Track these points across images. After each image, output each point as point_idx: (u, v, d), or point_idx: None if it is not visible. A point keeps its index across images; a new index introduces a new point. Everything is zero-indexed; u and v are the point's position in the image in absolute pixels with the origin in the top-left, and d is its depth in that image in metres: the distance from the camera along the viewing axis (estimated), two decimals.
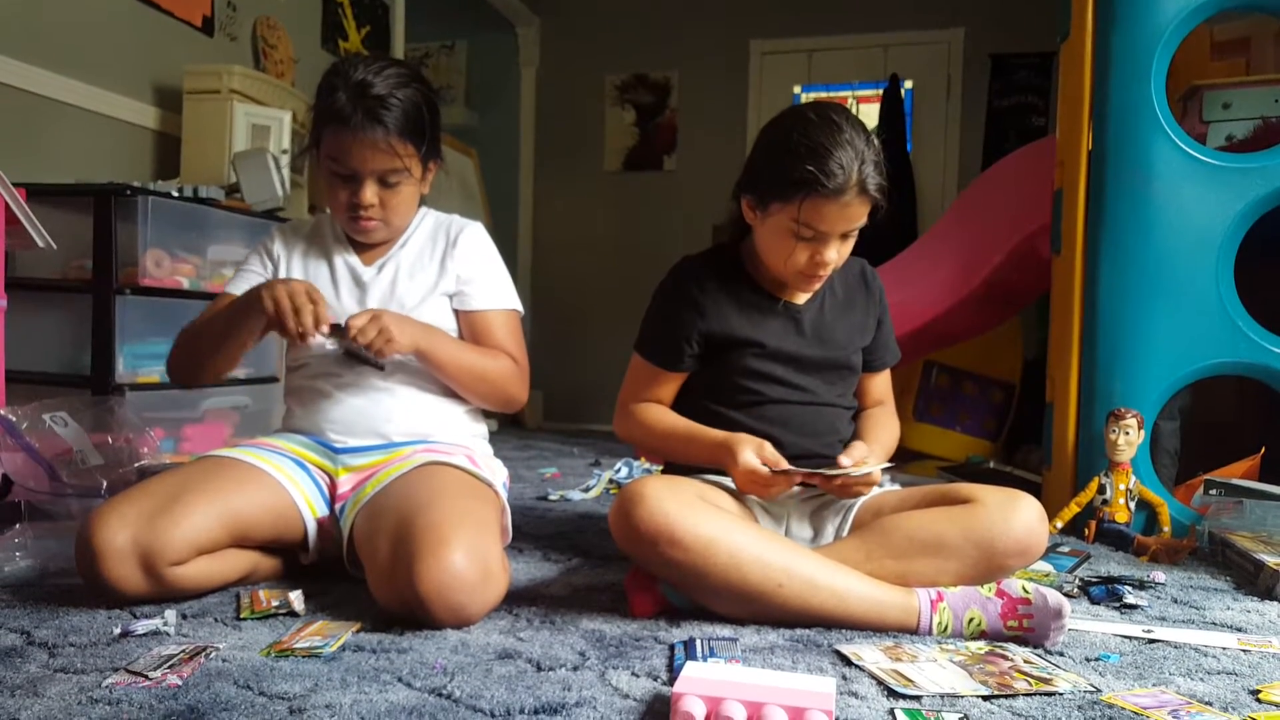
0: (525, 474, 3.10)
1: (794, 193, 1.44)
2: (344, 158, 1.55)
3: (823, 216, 1.45)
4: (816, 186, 1.42)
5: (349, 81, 1.53)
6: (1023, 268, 2.85)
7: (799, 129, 1.47)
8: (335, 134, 1.54)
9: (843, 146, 1.43)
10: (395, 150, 1.55)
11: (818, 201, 1.44)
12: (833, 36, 4.99)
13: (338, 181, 1.58)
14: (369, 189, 1.57)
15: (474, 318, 1.68)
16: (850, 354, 1.66)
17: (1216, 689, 1.15)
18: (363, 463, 1.58)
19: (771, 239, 1.53)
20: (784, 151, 1.46)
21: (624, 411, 1.68)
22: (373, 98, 1.52)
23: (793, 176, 1.44)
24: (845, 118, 1.48)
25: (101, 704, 1.01)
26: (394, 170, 1.57)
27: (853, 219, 1.48)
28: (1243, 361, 2.14)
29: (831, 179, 1.42)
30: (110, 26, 2.82)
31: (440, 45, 5.48)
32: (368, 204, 1.57)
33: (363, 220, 1.60)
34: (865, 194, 1.45)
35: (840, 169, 1.42)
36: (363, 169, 1.55)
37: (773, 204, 1.49)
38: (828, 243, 1.49)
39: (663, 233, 5.13)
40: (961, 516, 1.38)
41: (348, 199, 1.58)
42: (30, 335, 2.31)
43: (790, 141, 1.46)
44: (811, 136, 1.44)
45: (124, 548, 1.32)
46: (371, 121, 1.52)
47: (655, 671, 1.16)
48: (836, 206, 1.44)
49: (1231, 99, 2.50)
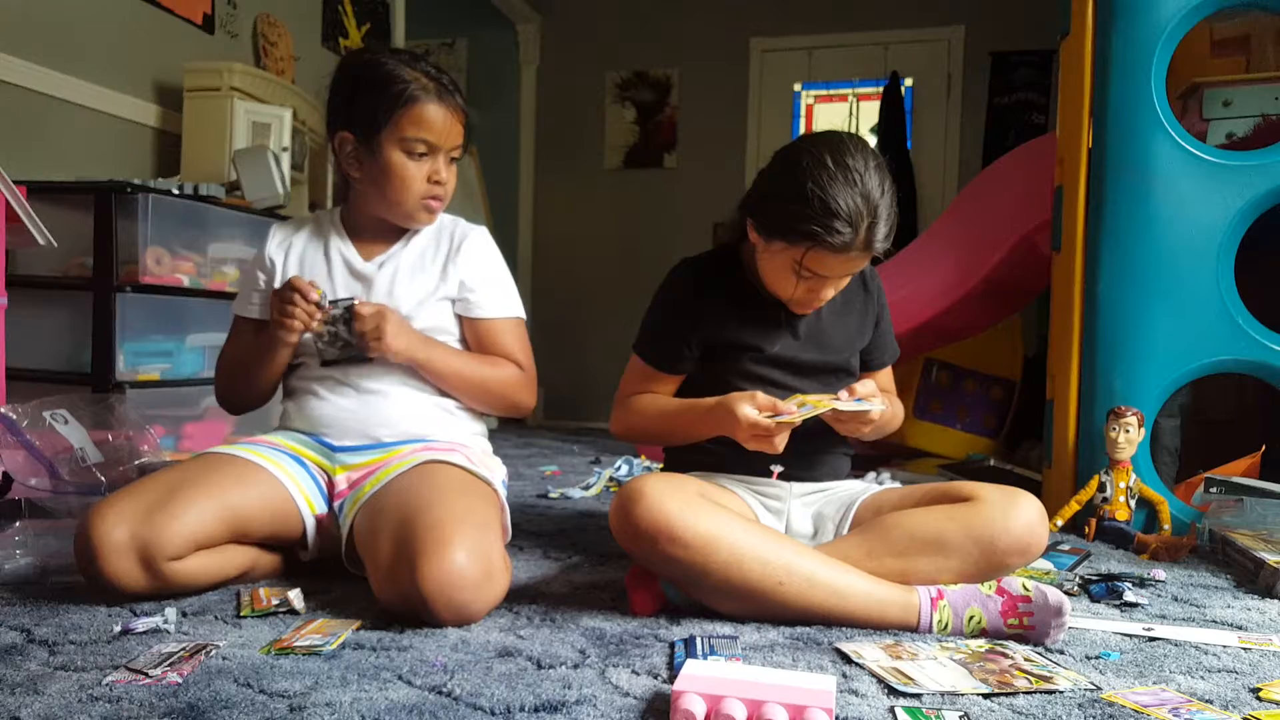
0: (525, 472, 3.10)
1: (799, 240, 1.44)
2: (435, 132, 1.58)
3: (825, 265, 1.47)
4: (821, 240, 1.42)
5: (413, 65, 1.58)
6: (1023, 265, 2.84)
7: (814, 177, 1.41)
8: (420, 109, 1.56)
9: (855, 206, 1.40)
10: (464, 126, 1.62)
11: (821, 254, 1.44)
12: (833, 34, 4.99)
13: (414, 160, 1.60)
14: (444, 164, 1.62)
15: (479, 325, 1.69)
16: (848, 357, 1.66)
17: (1217, 687, 1.15)
18: (360, 461, 1.58)
19: (772, 269, 1.54)
20: (795, 196, 1.42)
21: (619, 407, 1.68)
22: (442, 72, 1.59)
23: (800, 228, 1.42)
24: (863, 165, 1.42)
25: (102, 702, 1.01)
26: (459, 146, 1.63)
27: (854, 267, 1.50)
28: (1243, 359, 2.14)
29: (837, 237, 1.41)
30: (111, 24, 2.82)
31: (440, 43, 5.48)
32: (445, 178, 1.63)
33: (439, 198, 1.64)
34: (868, 250, 1.46)
35: (849, 228, 1.41)
36: (445, 142, 1.60)
37: (776, 240, 1.49)
38: (827, 284, 1.51)
39: (663, 230, 5.13)
40: (962, 514, 1.38)
41: (429, 177, 1.61)
42: (31, 333, 2.31)
43: (803, 189, 1.41)
44: (824, 187, 1.40)
45: (122, 542, 1.32)
46: (453, 93, 1.59)
47: (655, 669, 1.16)
48: (839, 260, 1.46)
49: (1232, 96, 2.50)
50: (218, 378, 1.73)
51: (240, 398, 1.70)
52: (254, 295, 1.71)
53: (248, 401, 1.70)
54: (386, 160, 1.59)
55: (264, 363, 1.62)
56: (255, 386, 1.67)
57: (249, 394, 1.69)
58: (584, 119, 5.37)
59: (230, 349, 1.72)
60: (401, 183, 1.60)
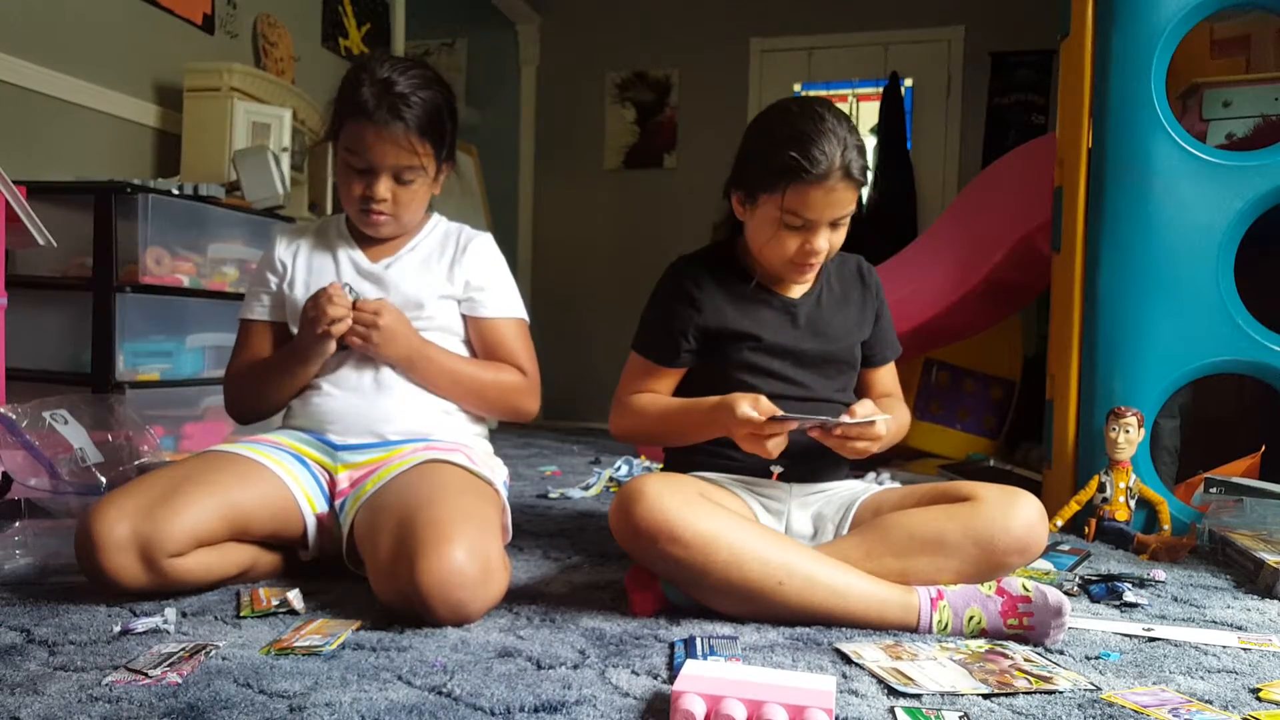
0: (525, 472, 3.10)
1: (779, 181, 1.46)
2: (363, 150, 1.57)
3: (809, 203, 1.47)
4: (800, 173, 1.44)
5: (374, 77, 1.57)
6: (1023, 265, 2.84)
7: (781, 120, 1.51)
8: (356, 127, 1.57)
9: (825, 134, 1.45)
10: (414, 148, 1.58)
11: (802, 188, 1.45)
12: (833, 34, 4.99)
13: (353, 174, 1.60)
14: (383, 183, 1.60)
15: (483, 325, 1.70)
16: (847, 348, 1.66)
17: (1216, 687, 1.15)
18: (362, 460, 1.59)
19: (761, 231, 1.54)
20: (768, 142, 1.50)
21: (618, 407, 1.67)
22: (396, 94, 1.56)
23: (776, 165, 1.46)
24: (827, 108, 1.50)
25: (101, 702, 1.01)
26: (410, 167, 1.60)
27: (839, 205, 1.49)
28: (1243, 359, 2.14)
29: (815, 165, 1.44)
30: (111, 24, 2.82)
31: (440, 43, 5.47)
32: (380, 198, 1.60)
33: (374, 213, 1.62)
34: (850, 178, 1.47)
35: (823, 155, 1.44)
36: (380, 163, 1.58)
37: (760, 195, 1.51)
38: (816, 230, 1.50)
39: (663, 231, 5.13)
40: (961, 514, 1.38)
41: (361, 191, 1.60)
42: (30, 333, 2.31)
43: (773, 132, 1.49)
44: (794, 125, 1.47)
45: (123, 539, 1.32)
46: (393, 117, 1.56)
47: (655, 670, 1.16)
48: (821, 192, 1.46)
49: (1231, 97, 2.50)
50: (230, 389, 1.71)
51: (257, 409, 1.70)
52: (264, 297, 1.71)
53: (265, 412, 1.70)
54: (338, 166, 1.63)
55: (294, 374, 1.63)
56: (279, 396, 1.67)
57: (268, 405, 1.68)
58: (584, 119, 5.37)
59: (243, 358, 1.71)
60: (344, 191, 1.64)
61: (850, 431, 1.41)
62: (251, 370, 1.68)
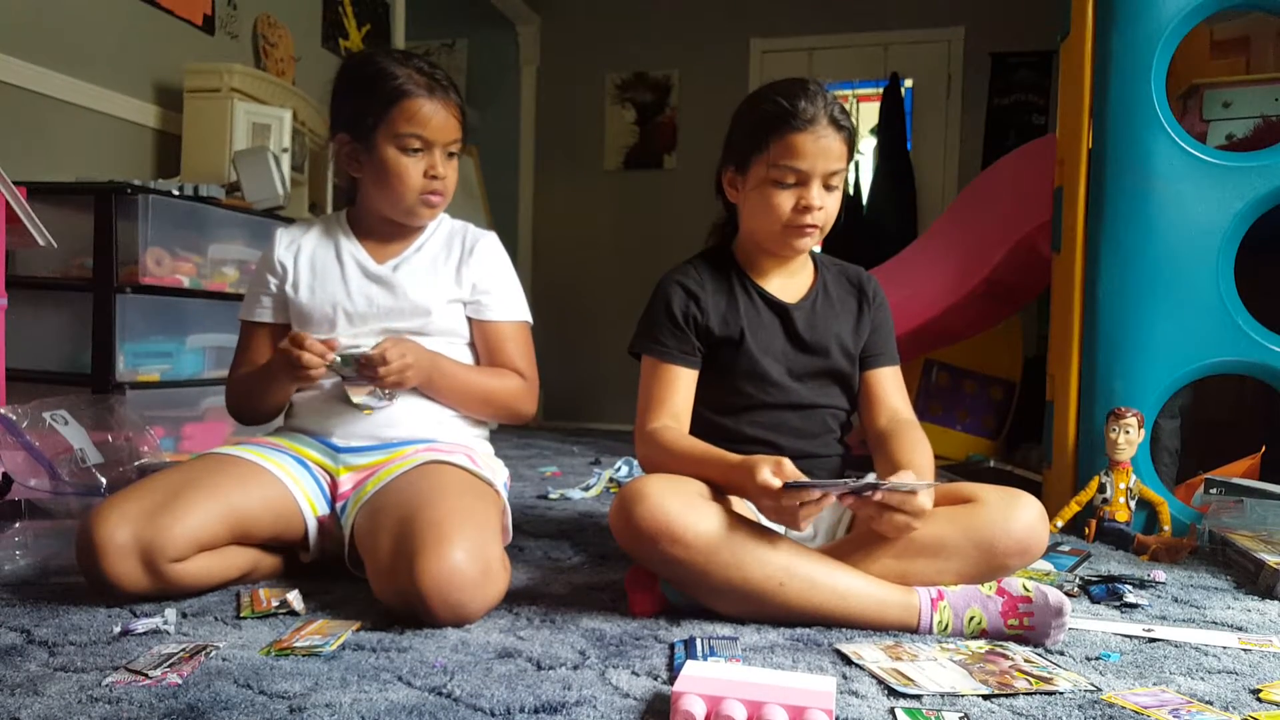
0: (525, 472, 3.10)
1: (767, 135, 1.49)
2: (424, 125, 1.58)
3: (799, 151, 1.48)
4: (788, 119, 1.47)
5: (406, 62, 1.60)
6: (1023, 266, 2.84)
7: (763, 91, 1.57)
8: (411, 104, 1.57)
9: (807, 90, 1.51)
10: (461, 120, 1.63)
11: (790, 136, 1.48)
12: (833, 35, 4.99)
13: (409, 156, 1.60)
14: (443, 158, 1.62)
15: (488, 328, 1.70)
16: (842, 353, 1.64)
17: (1217, 688, 1.15)
18: (364, 462, 1.59)
19: (756, 199, 1.55)
20: (751, 109, 1.56)
21: (643, 436, 1.55)
22: (435, 69, 1.60)
23: (762, 118, 1.51)
24: (808, 79, 1.55)
25: (101, 703, 1.01)
26: (457, 140, 1.64)
27: (830, 155, 1.49)
28: (1243, 360, 2.14)
29: (801, 112, 1.48)
30: (111, 25, 2.82)
31: (440, 43, 5.47)
32: (443, 174, 1.62)
33: (437, 193, 1.63)
34: (836, 125, 1.49)
35: (806, 102, 1.49)
36: (440, 137, 1.60)
37: (750, 159, 1.53)
38: (810, 184, 1.50)
39: (662, 231, 5.13)
40: (962, 516, 1.37)
41: (425, 171, 1.61)
42: (31, 333, 2.31)
43: (757, 102, 1.55)
44: (775, 90, 1.53)
45: (125, 544, 1.32)
46: (447, 90, 1.60)
47: (655, 670, 1.16)
48: (811, 138, 1.48)
49: (1231, 97, 2.50)
50: (230, 393, 1.72)
51: (256, 415, 1.70)
52: (264, 299, 1.70)
53: (264, 417, 1.71)
54: (383, 157, 1.60)
55: (286, 389, 1.64)
56: (275, 403, 1.67)
57: (266, 411, 1.69)
58: (584, 120, 5.37)
59: (242, 363, 1.71)
60: (399, 179, 1.60)
61: (891, 500, 1.28)
62: (248, 378, 1.68)
